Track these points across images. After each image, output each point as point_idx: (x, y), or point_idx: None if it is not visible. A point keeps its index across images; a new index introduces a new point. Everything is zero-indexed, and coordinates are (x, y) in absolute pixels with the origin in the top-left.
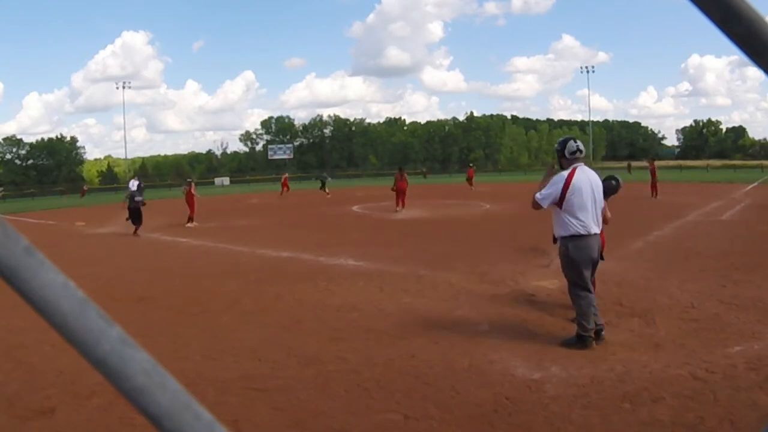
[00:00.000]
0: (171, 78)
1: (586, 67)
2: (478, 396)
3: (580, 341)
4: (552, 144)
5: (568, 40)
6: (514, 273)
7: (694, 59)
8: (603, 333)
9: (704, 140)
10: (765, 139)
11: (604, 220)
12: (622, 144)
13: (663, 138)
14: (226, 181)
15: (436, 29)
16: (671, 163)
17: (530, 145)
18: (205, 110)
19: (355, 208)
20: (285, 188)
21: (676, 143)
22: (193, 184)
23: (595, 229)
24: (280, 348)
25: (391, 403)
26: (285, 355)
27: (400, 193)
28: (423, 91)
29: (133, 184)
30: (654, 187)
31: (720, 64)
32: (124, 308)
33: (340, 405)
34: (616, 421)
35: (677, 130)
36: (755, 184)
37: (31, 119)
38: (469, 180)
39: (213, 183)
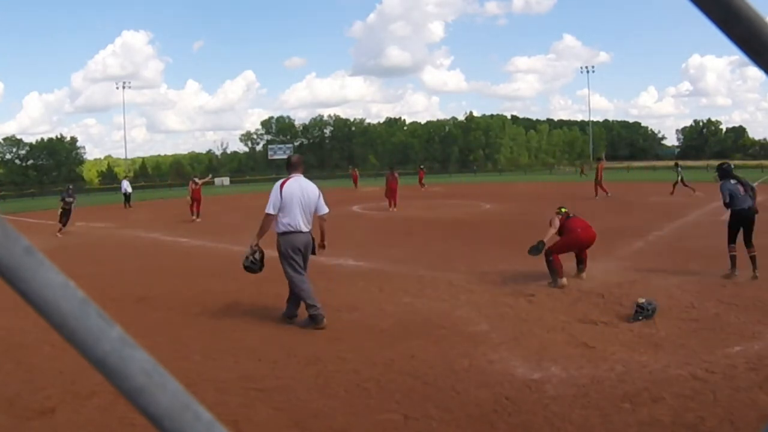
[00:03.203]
0: (171, 78)
1: (587, 67)
2: (478, 396)
3: (312, 320)
4: (552, 144)
5: (569, 39)
6: (514, 273)
7: (695, 59)
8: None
9: (704, 140)
10: (765, 139)
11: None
12: (622, 144)
13: (663, 138)
14: (226, 181)
15: (436, 29)
16: (671, 163)
17: (530, 145)
18: (205, 110)
19: (355, 208)
20: (355, 183)
21: (676, 143)
22: (199, 181)
23: (303, 228)
24: (280, 348)
25: (391, 403)
26: (285, 355)
27: (391, 193)
28: (423, 91)
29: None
30: (598, 186)
31: (721, 63)
32: (124, 308)
33: (340, 405)
34: (616, 421)
35: (677, 130)
36: (755, 184)
37: (31, 119)
38: (420, 180)
39: (213, 183)
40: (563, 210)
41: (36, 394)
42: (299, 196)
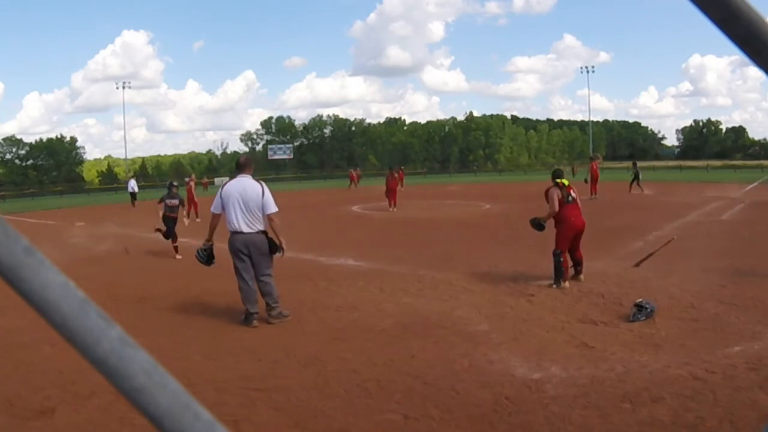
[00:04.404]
0: (171, 78)
1: (587, 67)
2: (478, 396)
3: (245, 319)
4: (552, 144)
5: (569, 39)
6: (514, 273)
7: (695, 59)
8: (254, 321)
9: (704, 140)
10: (765, 139)
11: None
12: (622, 144)
13: (663, 138)
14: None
15: (437, 29)
16: (671, 163)
17: (530, 145)
18: (205, 110)
19: (355, 208)
20: (353, 182)
21: (676, 143)
22: (192, 180)
23: (245, 229)
24: (280, 348)
25: (391, 403)
26: (285, 355)
27: (391, 193)
28: (424, 91)
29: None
30: (591, 186)
31: (721, 63)
32: (124, 308)
33: (340, 405)
34: (616, 421)
35: (677, 130)
36: (755, 184)
37: (31, 119)
38: (401, 181)
39: (213, 183)
40: (565, 182)
41: (36, 394)
42: (236, 197)
